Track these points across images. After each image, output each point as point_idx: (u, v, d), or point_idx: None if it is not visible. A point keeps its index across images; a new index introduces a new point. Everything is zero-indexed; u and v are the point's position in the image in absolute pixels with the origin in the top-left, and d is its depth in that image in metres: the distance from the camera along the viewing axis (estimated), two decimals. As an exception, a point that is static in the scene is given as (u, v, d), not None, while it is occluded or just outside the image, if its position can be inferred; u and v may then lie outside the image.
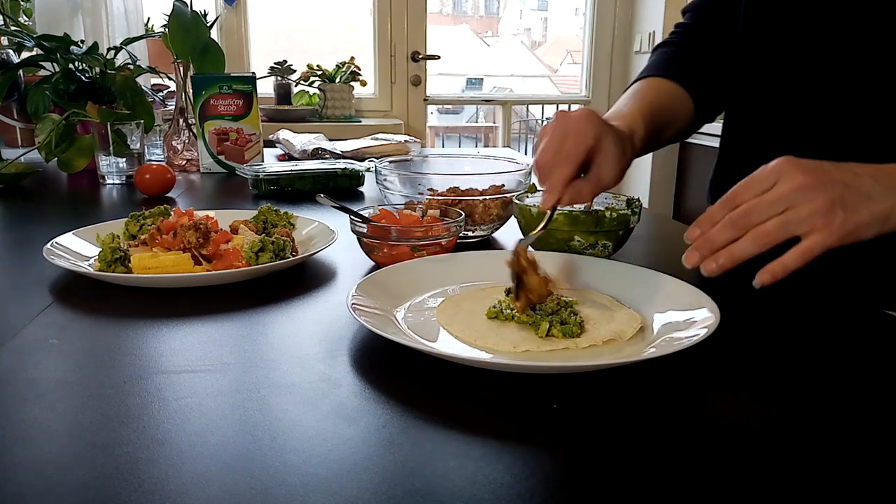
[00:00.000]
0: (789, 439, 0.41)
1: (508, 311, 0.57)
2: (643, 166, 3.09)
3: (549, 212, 0.62)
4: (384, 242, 0.71)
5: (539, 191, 0.86)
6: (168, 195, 1.14)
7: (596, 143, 0.62)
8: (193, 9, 1.42)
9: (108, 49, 1.40)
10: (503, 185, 0.86)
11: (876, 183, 0.53)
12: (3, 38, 1.50)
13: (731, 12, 0.88)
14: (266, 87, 2.78)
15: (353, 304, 0.54)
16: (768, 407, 0.45)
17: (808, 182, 0.52)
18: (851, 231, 0.51)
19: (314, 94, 2.85)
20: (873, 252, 0.73)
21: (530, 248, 0.61)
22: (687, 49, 0.91)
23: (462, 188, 0.85)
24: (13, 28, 1.49)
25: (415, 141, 1.72)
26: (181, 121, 1.43)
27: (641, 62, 3.17)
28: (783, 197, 0.52)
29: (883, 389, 0.48)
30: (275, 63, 2.75)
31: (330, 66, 2.84)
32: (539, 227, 0.63)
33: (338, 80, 2.81)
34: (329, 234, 0.77)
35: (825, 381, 0.49)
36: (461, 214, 0.76)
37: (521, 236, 0.78)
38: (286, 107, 2.77)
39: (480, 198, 0.82)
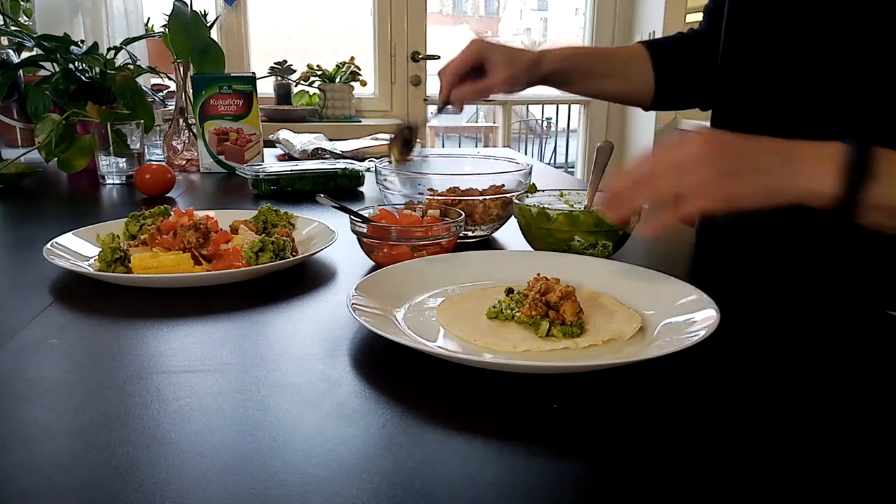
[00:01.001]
0: (789, 439, 0.41)
1: (508, 311, 0.57)
2: (643, 166, 3.09)
3: (440, 104, 0.89)
4: (384, 242, 0.71)
5: (538, 190, 0.86)
6: (168, 195, 1.14)
7: (477, 57, 0.87)
8: (193, 9, 1.42)
9: (108, 49, 1.40)
10: (503, 185, 0.86)
11: (776, 156, 0.57)
12: (3, 38, 1.50)
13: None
14: (266, 87, 2.78)
15: (353, 304, 0.54)
16: (768, 407, 0.45)
17: (707, 151, 0.57)
18: (731, 198, 0.56)
19: (314, 94, 2.85)
20: (874, 252, 0.73)
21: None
22: (687, 39, 0.98)
23: (462, 188, 0.85)
24: (13, 28, 1.49)
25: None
26: (181, 121, 1.43)
27: (641, 62, 3.17)
28: (682, 162, 0.57)
29: (883, 389, 0.48)
30: (275, 63, 2.75)
31: (330, 66, 2.84)
32: (434, 113, 0.92)
33: (338, 80, 2.81)
34: (329, 234, 0.77)
35: (825, 381, 0.49)
36: (461, 214, 0.76)
37: (522, 237, 0.79)
38: (286, 107, 2.77)
39: (480, 198, 0.82)
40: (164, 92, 1.88)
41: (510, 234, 0.87)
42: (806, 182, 0.56)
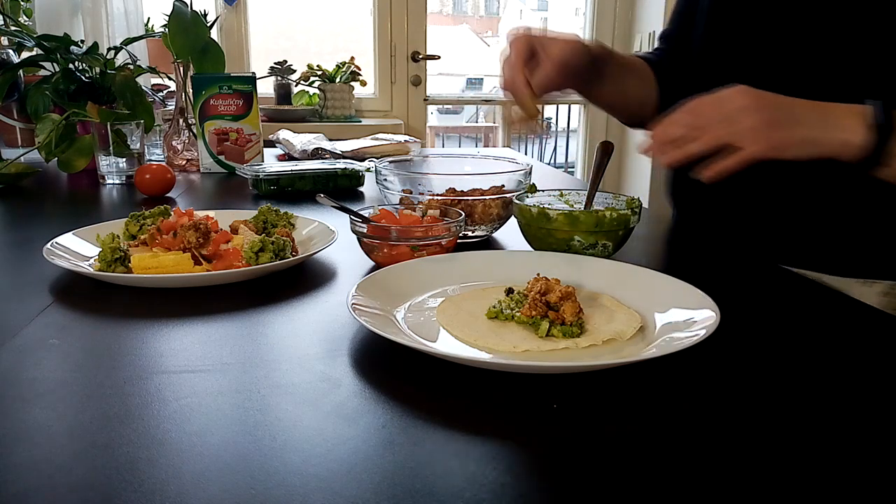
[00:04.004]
0: (790, 439, 0.41)
1: (508, 311, 0.57)
2: (643, 166, 3.09)
3: (539, 107, 0.78)
4: (384, 242, 0.71)
5: (538, 190, 0.86)
6: (168, 195, 1.14)
7: (530, 42, 0.78)
8: (193, 9, 1.42)
9: (108, 49, 1.40)
10: (503, 185, 0.86)
11: (812, 111, 0.65)
12: (3, 38, 1.50)
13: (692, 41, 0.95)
14: (266, 87, 2.78)
15: (353, 304, 0.54)
16: (768, 407, 0.45)
17: (753, 103, 0.64)
18: (778, 146, 0.63)
19: (314, 94, 2.85)
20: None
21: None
22: (658, 60, 1.00)
23: (459, 189, 0.85)
24: (13, 28, 1.49)
25: (415, 141, 1.72)
26: (181, 121, 1.43)
27: (641, 62, 3.18)
28: (732, 112, 0.64)
29: (883, 389, 0.48)
30: (275, 63, 2.75)
31: (330, 66, 2.84)
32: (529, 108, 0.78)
33: (338, 80, 2.81)
34: (329, 234, 0.77)
35: (825, 381, 0.49)
36: (461, 214, 0.76)
37: (522, 237, 0.79)
38: (286, 107, 2.77)
39: (480, 198, 0.82)
40: (164, 92, 1.88)
41: (510, 234, 0.87)
42: (840, 135, 0.63)
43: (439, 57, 3.10)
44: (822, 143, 0.63)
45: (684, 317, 0.55)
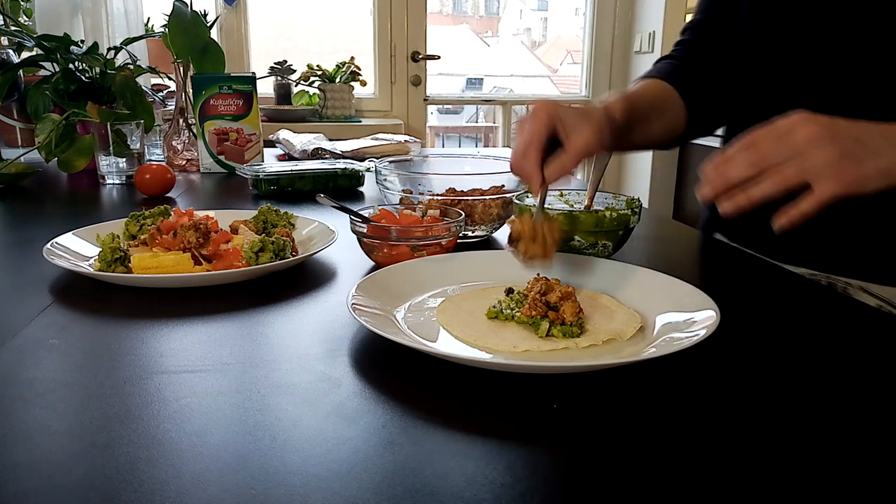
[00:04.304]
0: (790, 439, 0.41)
1: (508, 311, 0.57)
2: (643, 166, 3.09)
3: (541, 196, 0.66)
4: (384, 242, 0.71)
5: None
6: (168, 195, 1.14)
7: (553, 122, 0.65)
8: (193, 9, 1.42)
9: (108, 49, 1.40)
10: (503, 186, 0.86)
11: (884, 139, 0.57)
12: (3, 38, 1.50)
13: (731, 28, 0.89)
14: (266, 87, 2.78)
15: (353, 304, 0.54)
16: (768, 407, 0.45)
17: (823, 134, 0.55)
18: (857, 181, 0.55)
19: (314, 94, 2.85)
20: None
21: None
22: (685, 62, 0.92)
23: (459, 189, 0.85)
24: (13, 28, 1.49)
25: (415, 141, 1.72)
26: (181, 121, 1.43)
27: (641, 62, 3.18)
28: (799, 145, 0.55)
29: (883, 389, 0.48)
30: (275, 63, 2.76)
31: (330, 66, 2.84)
32: (536, 211, 0.65)
33: (338, 80, 2.81)
34: (329, 234, 0.77)
35: (825, 381, 0.49)
36: (461, 214, 0.76)
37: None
38: (286, 107, 2.77)
39: (480, 198, 0.82)
40: (164, 92, 1.88)
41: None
42: None
43: (439, 57, 3.10)
44: None
45: (684, 317, 0.55)
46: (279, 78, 2.76)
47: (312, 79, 2.80)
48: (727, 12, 0.89)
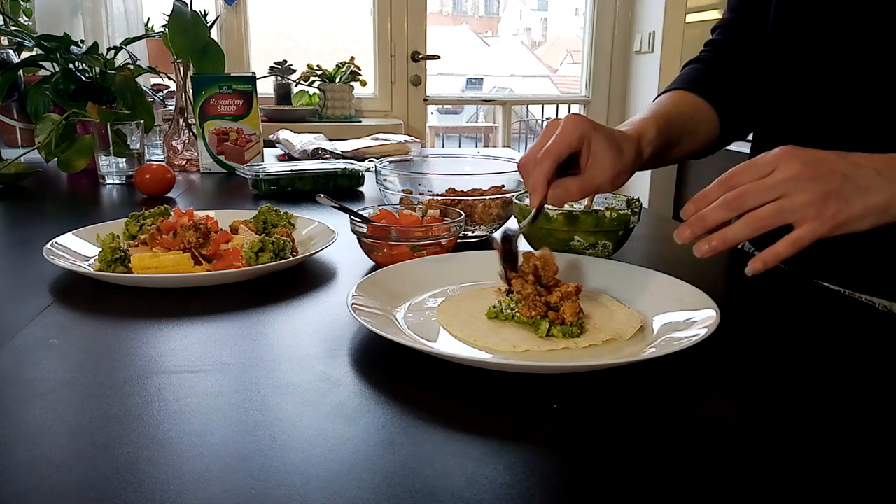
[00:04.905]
0: (789, 439, 0.41)
1: (508, 311, 0.57)
2: (643, 166, 3.09)
3: (534, 210, 0.63)
4: (384, 242, 0.71)
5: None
6: (168, 195, 1.14)
7: (581, 142, 0.62)
8: (193, 9, 1.42)
9: (108, 49, 1.40)
10: (503, 186, 0.86)
11: (878, 174, 0.53)
12: (3, 38, 1.50)
13: (761, 27, 0.86)
14: (266, 87, 2.79)
15: (353, 304, 0.54)
16: (768, 407, 0.45)
17: (806, 172, 0.52)
18: (843, 222, 0.52)
19: (314, 94, 2.85)
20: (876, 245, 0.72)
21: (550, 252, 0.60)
22: (715, 65, 0.89)
23: (459, 189, 0.85)
24: (13, 28, 1.49)
25: (415, 141, 1.72)
26: (181, 121, 1.43)
27: (641, 62, 3.18)
28: (779, 184, 0.52)
29: (883, 389, 0.48)
30: (275, 63, 2.76)
31: (330, 66, 2.85)
32: (525, 222, 0.64)
33: (338, 80, 2.81)
34: (329, 234, 0.77)
35: (825, 381, 0.49)
36: (461, 214, 0.76)
37: (522, 237, 0.78)
38: (286, 107, 2.77)
39: (480, 198, 0.82)
40: (164, 92, 1.88)
41: (510, 234, 0.87)
42: None
43: (439, 57, 3.10)
44: (892, 209, 0.52)
45: (684, 317, 0.55)
46: (279, 78, 2.76)
47: (312, 79, 2.80)
48: (756, 11, 0.86)
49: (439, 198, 0.82)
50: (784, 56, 0.82)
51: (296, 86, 2.83)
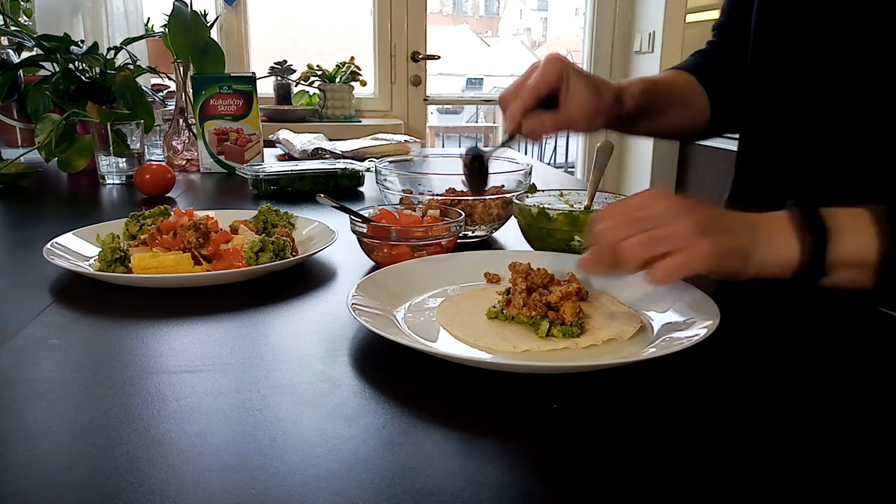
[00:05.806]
0: (789, 440, 0.41)
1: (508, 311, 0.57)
2: (643, 166, 3.09)
3: (507, 135, 0.69)
4: (384, 242, 0.71)
5: (538, 190, 0.86)
6: (168, 195, 1.14)
7: (560, 80, 0.66)
8: (193, 9, 1.42)
9: (108, 49, 1.40)
10: (503, 186, 0.86)
11: (741, 221, 0.53)
12: (3, 38, 1.50)
13: (747, 34, 0.87)
14: (266, 87, 2.78)
15: (353, 304, 0.54)
16: (768, 407, 0.45)
17: (674, 205, 0.52)
18: (716, 255, 0.51)
19: (314, 94, 2.85)
20: None
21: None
22: (712, 59, 0.93)
23: (459, 189, 0.85)
24: (13, 28, 1.49)
25: (415, 141, 1.72)
26: (181, 121, 1.43)
27: (641, 62, 3.18)
28: (650, 216, 0.52)
29: (883, 389, 0.48)
30: (275, 63, 2.75)
31: (330, 66, 2.84)
32: (495, 147, 0.70)
33: (338, 80, 2.81)
34: (329, 234, 0.77)
35: (825, 381, 0.49)
36: (461, 214, 0.76)
37: (522, 237, 0.79)
38: (286, 107, 2.77)
39: (480, 198, 0.82)
40: (164, 92, 1.88)
41: (510, 234, 0.87)
42: (771, 248, 0.52)
43: (439, 57, 3.10)
44: (753, 259, 0.52)
45: (684, 317, 0.55)
46: (279, 78, 2.76)
47: (312, 79, 2.80)
48: (744, 18, 0.87)
49: (439, 198, 0.82)
50: (763, 68, 0.84)
51: (296, 86, 2.83)
